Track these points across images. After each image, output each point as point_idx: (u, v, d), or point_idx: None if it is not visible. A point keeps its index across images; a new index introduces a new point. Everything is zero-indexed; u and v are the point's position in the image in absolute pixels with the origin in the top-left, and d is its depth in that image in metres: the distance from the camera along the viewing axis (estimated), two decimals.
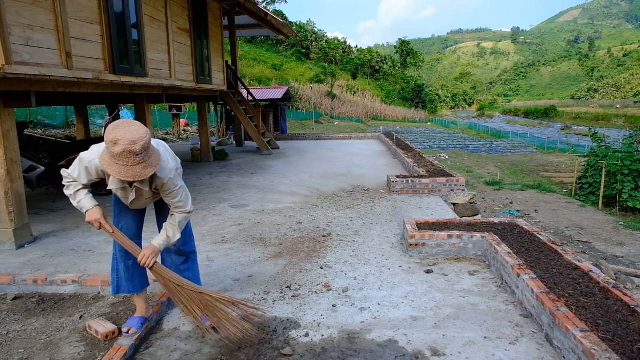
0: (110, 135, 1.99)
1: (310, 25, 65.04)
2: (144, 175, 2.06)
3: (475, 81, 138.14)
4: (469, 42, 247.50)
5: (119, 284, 2.53)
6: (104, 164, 2.05)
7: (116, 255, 2.52)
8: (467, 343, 2.47)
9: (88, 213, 2.32)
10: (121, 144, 1.98)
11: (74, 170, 2.28)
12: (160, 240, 2.41)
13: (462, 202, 6.33)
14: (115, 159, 2.00)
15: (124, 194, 2.35)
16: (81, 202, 2.32)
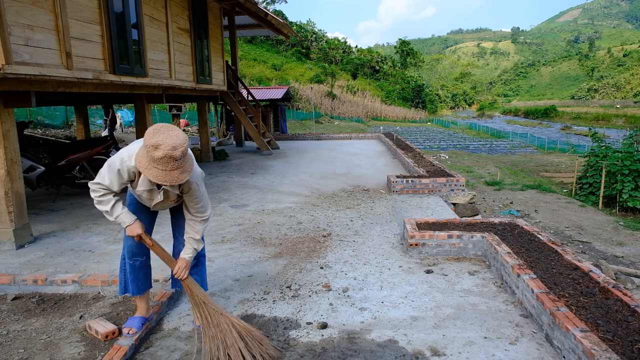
0: (152, 139, 1.99)
1: (310, 25, 65.05)
2: (180, 180, 2.08)
3: (475, 81, 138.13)
4: (469, 42, 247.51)
5: (126, 284, 2.54)
6: (141, 166, 2.05)
7: (124, 256, 2.52)
8: (467, 343, 2.47)
9: (128, 228, 2.32)
10: (162, 149, 1.99)
11: (103, 179, 2.21)
12: (189, 253, 2.47)
13: (462, 202, 6.33)
14: (155, 162, 2.02)
15: (150, 195, 2.34)
16: (120, 217, 2.29)
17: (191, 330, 2.65)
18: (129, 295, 2.57)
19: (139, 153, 2.09)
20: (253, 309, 2.91)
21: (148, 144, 2.00)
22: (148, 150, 2.01)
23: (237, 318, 2.44)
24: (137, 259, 2.52)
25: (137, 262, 2.52)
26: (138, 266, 2.53)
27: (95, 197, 2.27)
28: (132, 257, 2.51)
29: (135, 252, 2.52)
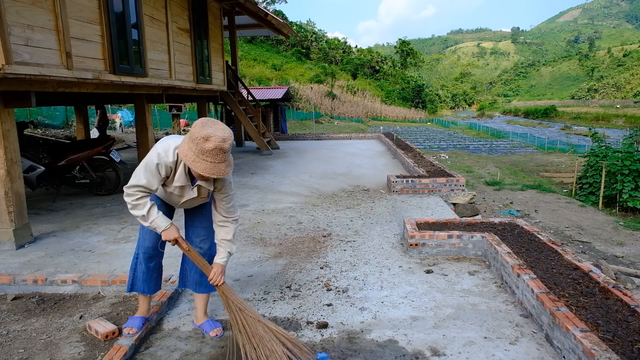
0: (201, 131, 2.01)
1: (310, 25, 65.08)
2: (226, 173, 2.09)
3: (475, 81, 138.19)
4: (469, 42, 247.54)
5: (134, 282, 2.52)
6: (188, 159, 2.04)
7: (138, 255, 2.51)
8: (467, 343, 2.47)
9: (164, 233, 2.29)
10: (213, 141, 2.01)
11: (140, 179, 2.18)
12: (224, 257, 2.44)
13: (462, 202, 6.33)
14: (204, 155, 2.02)
15: (182, 192, 2.32)
16: (155, 221, 2.26)
17: (191, 330, 2.65)
18: (137, 293, 2.55)
19: (182, 147, 2.08)
20: (253, 309, 2.91)
21: (198, 136, 2.01)
22: (198, 142, 2.01)
23: (274, 324, 2.37)
24: (152, 260, 2.51)
25: (151, 264, 2.52)
26: (152, 267, 2.53)
27: (130, 202, 2.22)
28: (148, 260, 2.50)
29: (151, 255, 2.50)
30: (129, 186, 2.21)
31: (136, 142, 7.39)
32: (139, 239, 2.52)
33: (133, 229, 4.83)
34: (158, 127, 20.87)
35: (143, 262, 2.51)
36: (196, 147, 2.02)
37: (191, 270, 2.62)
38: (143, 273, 2.51)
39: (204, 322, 2.63)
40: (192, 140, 2.03)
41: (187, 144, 2.06)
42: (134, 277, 2.53)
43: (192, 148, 2.03)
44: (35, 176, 5.88)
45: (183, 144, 2.09)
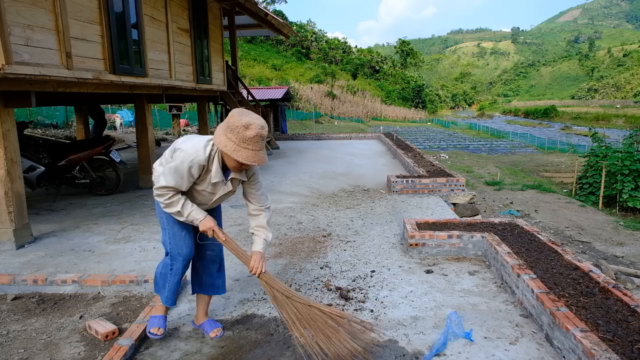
0: (241, 120, 2.03)
1: (310, 25, 65.06)
2: (264, 160, 2.11)
3: (475, 81, 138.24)
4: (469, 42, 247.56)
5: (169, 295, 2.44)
6: (228, 149, 2.04)
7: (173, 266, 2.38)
8: (467, 343, 2.47)
9: (202, 222, 2.26)
10: (253, 128, 2.03)
11: (169, 181, 2.14)
12: (262, 245, 2.39)
13: (462, 202, 6.33)
14: (245, 143, 2.03)
15: (214, 189, 2.28)
16: (191, 214, 2.23)
17: (191, 330, 2.65)
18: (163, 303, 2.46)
19: (219, 139, 2.07)
20: (253, 309, 2.91)
21: (238, 124, 2.02)
22: (238, 131, 2.02)
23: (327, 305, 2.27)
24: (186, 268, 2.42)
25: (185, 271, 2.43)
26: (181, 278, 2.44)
27: (163, 201, 2.20)
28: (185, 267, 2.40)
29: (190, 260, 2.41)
30: (158, 187, 2.19)
31: (136, 142, 7.39)
32: (171, 249, 2.38)
33: (133, 229, 4.83)
34: (158, 127, 20.88)
35: (180, 271, 2.39)
36: (237, 136, 2.03)
37: (203, 274, 2.58)
38: (176, 284, 2.43)
39: (204, 322, 2.61)
40: (231, 130, 2.04)
41: (224, 134, 2.06)
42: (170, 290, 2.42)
43: (231, 138, 2.04)
44: (35, 176, 5.88)
45: (219, 136, 2.08)
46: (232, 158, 2.08)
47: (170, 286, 2.41)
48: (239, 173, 2.25)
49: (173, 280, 2.41)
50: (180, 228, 2.36)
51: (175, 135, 17.67)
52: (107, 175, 6.65)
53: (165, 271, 2.41)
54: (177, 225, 2.36)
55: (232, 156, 2.06)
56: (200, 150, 2.13)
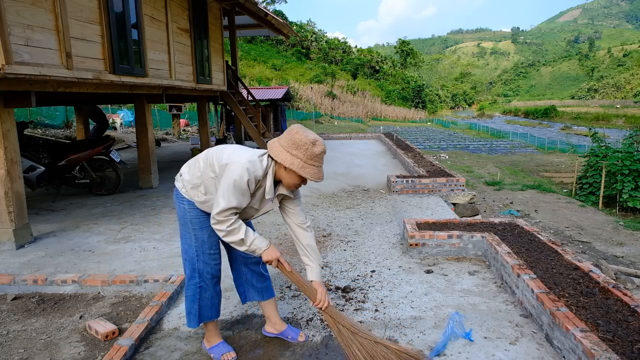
0: (309, 136, 2.01)
1: (310, 25, 65.08)
2: (323, 177, 2.08)
3: (475, 81, 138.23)
4: (469, 42, 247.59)
5: (202, 313, 2.29)
6: (295, 166, 1.99)
7: (201, 284, 2.25)
8: (467, 343, 2.47)
9: (266, 252, 2.11)
10: (320, 145, 2.03)
11: (230, 201, 1.98)
12: (319, 274, 2.29)
13: (462, 202, 6.33)
14: (312, 160, 2.01)
15: (260, 204, 2.17)
16: (254, 243, 2.08)
17: (191, 330, 2.65)
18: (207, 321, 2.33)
19: (283, 157, 2.00)
20: (253, 309, 2.91)
21: (306, 141, 1.99)
22: (306, 148, 1.99)
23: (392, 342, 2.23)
24: (219, 282, 2.33)
25: (218, 287, 2.34)
26: (219, 289, 2.35)
27: (225, 229, 2.02)
28: (216, 284, 2.31)
29: (219, 277, 2.32)
30: (219, 212, 1.99)
31: (136, 142, 7.39)
32: (195, 265, 2.24)
33: (133, 229, 4.84)
34: (158, 127, 20.88)
35: (211, 287, 2.28)
36: (304, 153, 2.00)
37: (253, 279, 2.45)
38: (211, 298, 2.30)
39: (285, 328, 2.49)
40: (297, 147, 1.99)
41: (289, 152, 2.00)
42: (201, 308, 2.27)
43: (297, 155, 2.00)
44: (35, 176, 5.88)
45: (281, 153, 2.01)
46: (296, 175, 2.04)
47: (205, 302, 2.28)
48: (289, 190, 2.18)
49: (206, 296, 2.27)
50: (209, 246, 2.24)
51: (175, 135, 17.66)
52: (107, 175, 6.65)
53: (195, 293, 2.26)
54: (206, 242, 2.23)
55: (300, 173, 2.00)
56: (257, 164, 2.03)
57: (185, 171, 2.24)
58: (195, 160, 2.22)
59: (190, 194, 2.20)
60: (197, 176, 2.16)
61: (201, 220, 2.22)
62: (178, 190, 2.26)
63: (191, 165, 2.23)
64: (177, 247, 4.20)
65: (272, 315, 2.51)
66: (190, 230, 2.23)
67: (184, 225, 2.25)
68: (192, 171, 2.20)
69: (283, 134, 2.08)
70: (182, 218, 2.25)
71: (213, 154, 2.14)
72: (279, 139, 2.08)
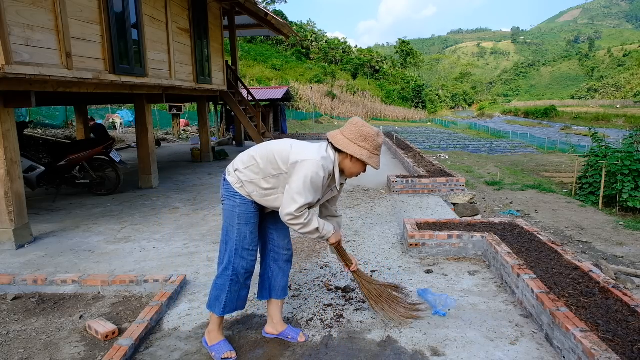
0: (373, 128, 2.20)
1: (310, 25, 65.09)
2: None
3: (475, 81, 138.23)
4: (469, 42, 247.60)
5: (227, 304, 2.32)
6: (364, 157, 2.16)
7: (234, 277, 2.29)
8: (467, 343, 2.47)
9: (334, 235, 2.35)
10: (381, 136, 2.23)
11: (307, 197, 2.09)
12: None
13: (462, 202, 6.33)
14: (377, 150, 2.21)
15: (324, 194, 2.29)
16: (326, 228, 2.27)
17: (191, 331, 2.65)
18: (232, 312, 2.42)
19: (352, 149, 2.15)
20: (253, 309, 2.91)
21: (371, 133, 2.17)
22: (373, 139, 2.18)
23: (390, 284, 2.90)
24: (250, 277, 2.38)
25: (249, 281, 2.39)
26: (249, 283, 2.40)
27: (302, 222, 2.15)
28: (247, 278, 2.35)
29: (252, 273, 2.36)
30: (297, 209, 2.10)
31: (136, 142, 7.39)
32: (232, 258, 2.28)
33: (133, 229, 4.83)
34: (158, 127, 20.88)
35: (242, 281, 2.33)
36: (371, 144, 2.18)
37: (279, 276, 2.50)
38: (240, 290, 2.35)
39: (285, 329, 2.54)
40: (364, 139, 2.16)
41: (357, 144, 2.16)
42: (227, 299, 2.32)
43: (365, 146, 2.16)
44: (35, 176, 5.88)
45: (350, 145, 2.16)
46: (361, 164, 2.21)
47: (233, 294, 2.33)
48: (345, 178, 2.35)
49: (235, 288, 2.32)
50: (250, 242, 2.31)
51: (175, 135, 17.65)
52: (107, 175, 6.65)
53: (225, 283, 2.30)
54: (247, 238, 2.30)
55: (368, 162, 2.18)
56: (328, 159, 2.17)
57: (240, 167, 2.29)
58: (250, 157, 2.28)
59: (248, 189, 2.25)
60: (255, 172, 2.23)
61: (248, 217, 2.29)
62: (230, 185, 2.30)
63: (246, 162, 2.28)
64: (177, 247, 4.20)
65: (275, 315, 2.53)
66: (235, 225, 2.28)
67: (230, 218, 2.30)
68: (250, 167, 2.25)
69: (346, 127, 2.21)
70: (230, 212, 2.30)
71: (273, 151, 2.21)
72: (341, 132, 2.21)
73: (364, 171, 2.29)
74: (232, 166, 2.34)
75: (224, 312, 2.35)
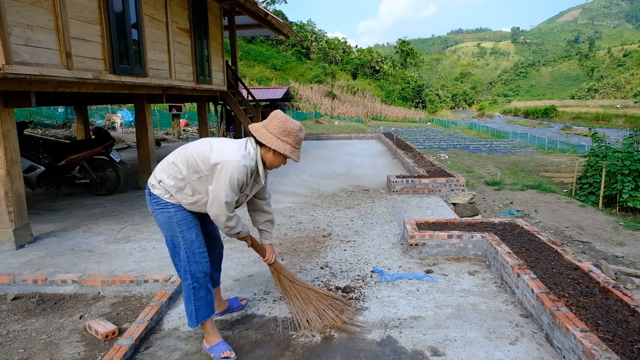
0: (296, 123, 2.25)
1: (311, 25, 65.09)
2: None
3: (475, 81, 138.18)
4: (469, 42, 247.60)
5: (198, 312, 2.31)
6: (287, 151, 2.20)
7: (195, 285, 2.29)
8: (467, 343, 2.47)
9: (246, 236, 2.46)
10: (303, 131, 2.29)
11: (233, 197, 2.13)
12: (271, 237, 2.66)
13: (462, 202, 6.33)
14: (298, 144, 2.26)
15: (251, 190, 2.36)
16: (244, 229, 2.39)
17: (191, 330, 2.65)
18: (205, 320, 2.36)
19: (275, 143, 2.18)
20: (253, 309, 2.91)
21: (295, 127, 2.23)
22: (295, 134, 2.22)
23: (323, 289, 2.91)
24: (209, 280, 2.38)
25: (209, 284, 2.37)
26: (210, 285, 2.40)
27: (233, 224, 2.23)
28: (208, 280, 2.35)
29: (209, 273, 2.37)
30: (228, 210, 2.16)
31: (136, 142, 7.39)
32: (187, 267, 2.27)
33: (133, 229, 4.83)
34: (158, 127, 20.88)
35: (204, 284, 2.32)
36: (294, 139, 2.22)
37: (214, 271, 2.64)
38: (205, 296, 2.33)
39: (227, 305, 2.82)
40: (287, 134, 2.20)
41: (280, 138, 2.20)
42: (197, 308, 2.30)
43: (288, 141, 2.20)
44: (35, 176, 5.88)
45: (273, 140, 2.19)
46: (282, 158, 2.25)
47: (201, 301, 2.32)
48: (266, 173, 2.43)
49: (201, 294, 2.31)
50: (197, 244, 2.30)
51: (175, 135, 17.66)
52: (107, 175, 6.65)
53: (189, 294, 2.30)
54: (194, 242, 2.29)
55: (291, 157, 2.22)
56: (248, 157, 2.18)
57: (164, 177, 2.25)
58: (170, 165, 2.25)
59: (177, 198, 2.24)
60: (179, 179, 2.22)
61: (188, 221, 2.28)
62: (158, 197, 2.26)
63: (167, 170, 2.26)
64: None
65: (218, 299, 2.76)
66: (178, 234, 2.27)
67: (170, 229, 2.27)
68: (173, 175, 2.23)
69: (270, 121, 2.23)
70: (167, 224, 2.27)
71: (192, 154, 2.19)
72: (264, 126, 2.22)
73: (284, 163, 2.32)
74: (155, 178, 2.29)
75: (198, 322, 2.33)
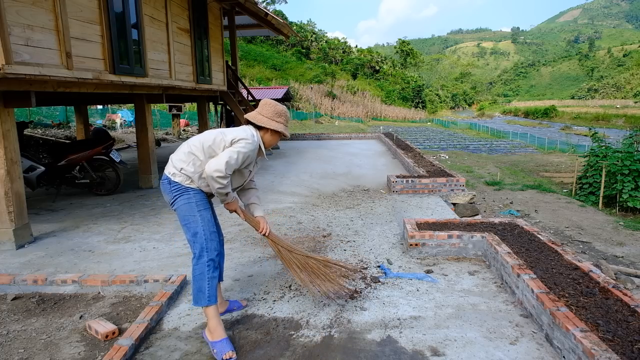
0: (282, 106, 2.62)
1: (311, 25, 65.09)
2: None
3: (475, 81, 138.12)
4: (469, 42, 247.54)
5: (210, 292, 2.40)
6: (281, 128, 2.57)
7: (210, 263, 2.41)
8: (467, 343, 2.47)
9: (233, 203, 2.57)
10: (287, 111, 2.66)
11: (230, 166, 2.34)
12: (262, 212, 2.78)
13: (462, 202, 6.33)
14: (287, 122, 2.64)
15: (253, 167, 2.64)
16: (232, 192, 2.54)
17: (191, 331, 2.65)
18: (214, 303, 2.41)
19: (273, 124, 2.54)
20: (253, 309, 2.91)
21: (283, 109, 2.62)
22: (284, 115, 2.61)
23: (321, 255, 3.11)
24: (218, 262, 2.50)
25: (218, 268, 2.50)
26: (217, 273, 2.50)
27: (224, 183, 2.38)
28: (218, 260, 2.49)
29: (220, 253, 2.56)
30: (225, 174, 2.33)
31: (136, 142, 7.39)
32: (204, 244, 2.41)
33: (133, 229, 4.83)
34: (158, 127, 20.88)
35: (217, 265, 2.46)
36: (284, 118, 2.61)
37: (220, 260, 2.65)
38: (215, 278, 2.45)
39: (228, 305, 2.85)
40: (279, 115, 2.57)
41: (275, 119, 2.56)
42: (210, 286, 2.40)
43: (280, 121, 2.58)
44: (35, 176, 5.88)
45: (270, 122, 2.54)
46: (278, 135, 2.61)
47: (213, 282, 2.42)
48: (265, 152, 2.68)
49: (214, 275, 2.44)
50: (212, 224, 2.49)
51: (175, 135, 17.65)
52: (107, 175, 6.65)
53: (203, 270, 2.40)
54: (210, 221, 2.48)
55: (284, 133, 2.60)
56: (256, 136, 2.52)
57: (184, 165, 2.45)
58: (188, 154, 2.46)
59: (197, 183, 2.47)
60: (198, 165, 2.45)
61: (204, 202, 2.51)
62: (179, 184, 2.46)
63: (185, 160, 2.46)
64: (177, 247, 4.20)
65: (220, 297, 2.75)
66: (196, 213, 2.45)
67: (189, 210, 2.45)
68: (192, 162, 2.45)
69: (262, 108, 2.57)
70: (187, 204, 2.45)
71: (207, 142, 2.44)
72: (259, 112, 2.56)
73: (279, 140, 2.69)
74: (174, 167, 2.47)
75: (210, 302, 2.40)
